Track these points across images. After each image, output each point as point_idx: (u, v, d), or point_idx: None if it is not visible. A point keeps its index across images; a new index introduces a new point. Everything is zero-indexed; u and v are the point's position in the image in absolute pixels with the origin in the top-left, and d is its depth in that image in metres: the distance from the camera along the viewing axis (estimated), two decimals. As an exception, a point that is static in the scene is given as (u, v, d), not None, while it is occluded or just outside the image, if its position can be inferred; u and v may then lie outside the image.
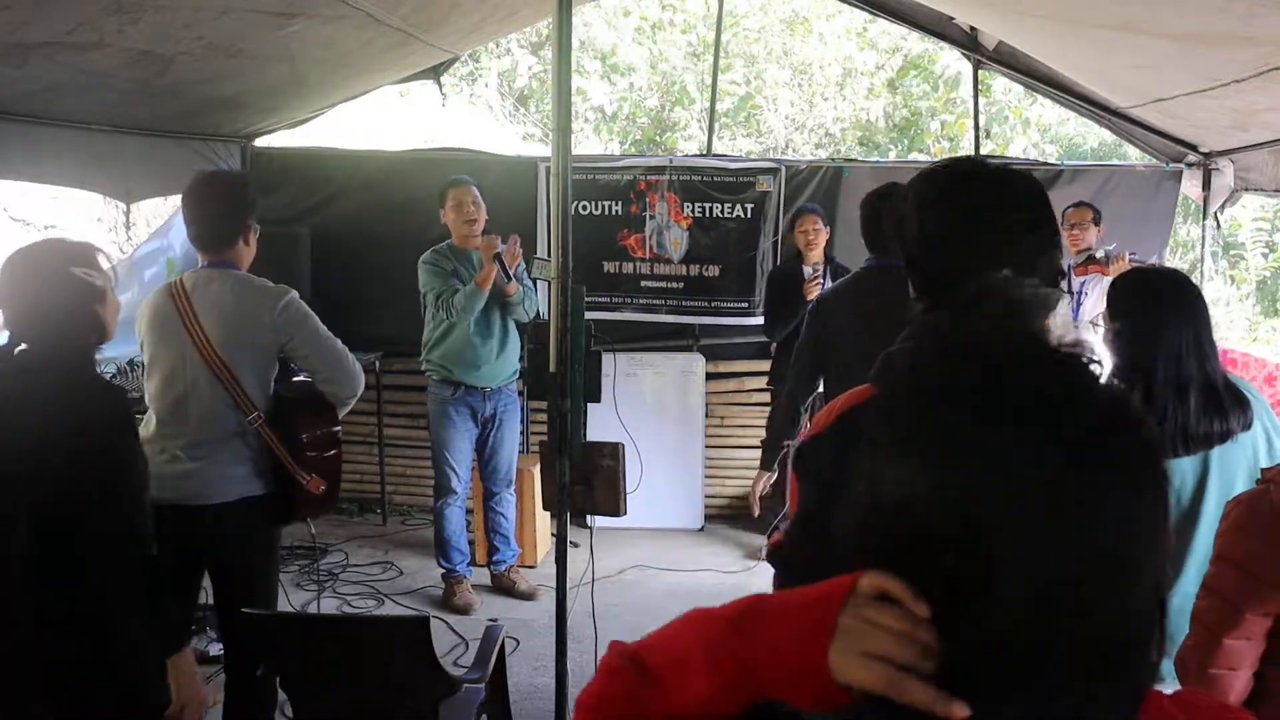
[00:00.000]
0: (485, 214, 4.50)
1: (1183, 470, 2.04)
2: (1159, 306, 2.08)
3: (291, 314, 2.89)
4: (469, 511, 4.84)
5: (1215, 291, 8.96)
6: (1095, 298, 4.74)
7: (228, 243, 2.92)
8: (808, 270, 4.94)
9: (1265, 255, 10.35)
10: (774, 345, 5.60)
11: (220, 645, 3.46)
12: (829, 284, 4.89)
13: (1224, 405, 2.02)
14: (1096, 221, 4.91)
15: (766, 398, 5.69)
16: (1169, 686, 2.10)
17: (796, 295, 4.82)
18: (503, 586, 4.78)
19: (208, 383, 2.81)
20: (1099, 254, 4.85)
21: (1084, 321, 4.74)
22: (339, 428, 3.04)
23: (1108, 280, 4.64)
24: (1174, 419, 2.00)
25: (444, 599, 4.63)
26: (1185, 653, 1.76)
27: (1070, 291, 4.81)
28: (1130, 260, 4.67)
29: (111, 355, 3.34)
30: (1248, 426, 2.05)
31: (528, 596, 4.71)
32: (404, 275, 4.66)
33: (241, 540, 2.85)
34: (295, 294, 2.94)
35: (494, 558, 4.81)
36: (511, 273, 4.39)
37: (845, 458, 1.38)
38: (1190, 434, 2.02)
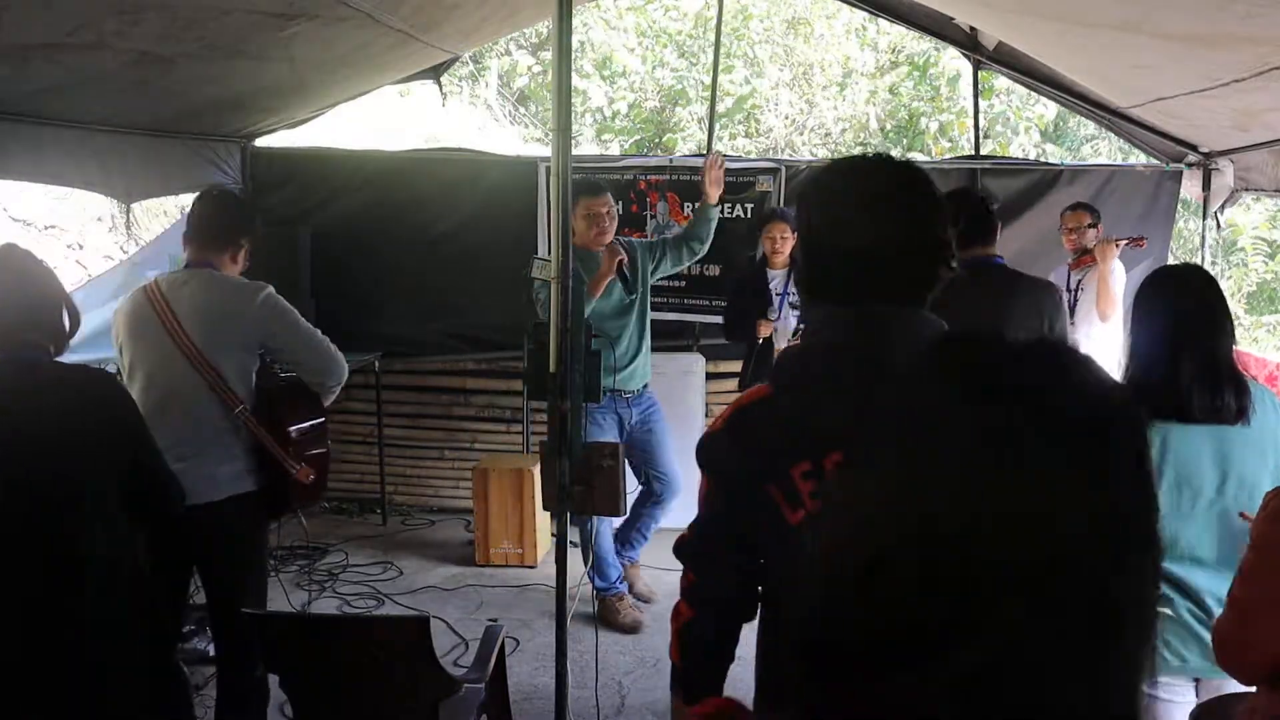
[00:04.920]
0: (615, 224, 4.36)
1: (1195, 446, 2.13)
2: (1162, 286, 2.28)
3: (271, 307, 2.92)
4: (470, 511, 4.84)
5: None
6: (1091, 293, 4.72)
7: (220, 248, 2.95)
8: (772, 275, 4.89)
9: (1266, 261, 10.37)
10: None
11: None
12: (789, 288, 4.90)
13: (1220, 383, 2.13)
14: (1094, 224, 4.86)
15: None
16: (1205, 676, 2.13)
17: (753, 303, 4.83)
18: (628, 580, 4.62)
19: (191, 382, 2.81)
20: (1091, 245, 4.82)
21: (1081, 318, 4.71)
22: (324, 417, 3.06)
23: (1109, 269, 4.64)
24: (1169, 386, 2.13)
25: (605, 619, 4.32)
26: (1223, 633, 1.77)
27: (1067, 289, 4.79)
28: (1118, 243, 4.66)
29: (84, 359, 3.34)
30: (1243, 411, 2.12)
31: (646, 598, 4.61)
32: (404, 275, 4.66)
33: (230, 539, 2.85)
34: (272, 288, 2.95)
35: (627, 553, 4.63)
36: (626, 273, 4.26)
37: (743, 454, 1.44)
38: (1185, 402, 2.12)
